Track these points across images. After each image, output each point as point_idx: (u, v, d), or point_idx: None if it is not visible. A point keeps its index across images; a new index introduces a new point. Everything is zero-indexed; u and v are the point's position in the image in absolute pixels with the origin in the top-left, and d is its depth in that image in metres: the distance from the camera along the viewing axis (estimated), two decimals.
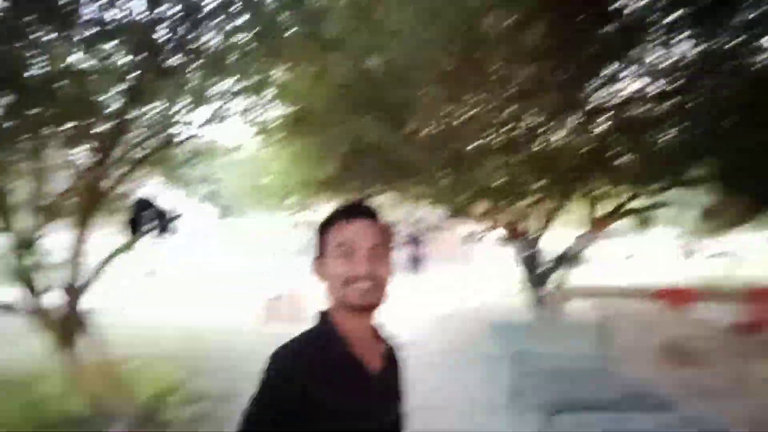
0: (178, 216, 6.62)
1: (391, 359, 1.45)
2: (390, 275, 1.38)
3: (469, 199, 9.15)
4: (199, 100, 4.90)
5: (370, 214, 1.41)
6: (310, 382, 1.24)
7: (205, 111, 5.15)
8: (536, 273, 9.14)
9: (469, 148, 8.09)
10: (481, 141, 8.75)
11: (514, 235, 9.37)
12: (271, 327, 9.33)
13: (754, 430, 4.39)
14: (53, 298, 4.56)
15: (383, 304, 1.36)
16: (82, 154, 4.83)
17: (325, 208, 10.85)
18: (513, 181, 8.84)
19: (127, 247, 5.37)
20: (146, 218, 5.70)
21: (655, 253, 22.12)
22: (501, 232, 9.76)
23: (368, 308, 1.35)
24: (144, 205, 5.84)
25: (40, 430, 4.53)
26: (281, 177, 8.51)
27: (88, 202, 4.71)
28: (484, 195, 9.16)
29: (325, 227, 1.42)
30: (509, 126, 8.46)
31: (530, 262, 9.23)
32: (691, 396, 5.20)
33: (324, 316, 1.41)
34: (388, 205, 14.55)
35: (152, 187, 6.63)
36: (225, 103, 5.27)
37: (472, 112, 7.62)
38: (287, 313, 9.83)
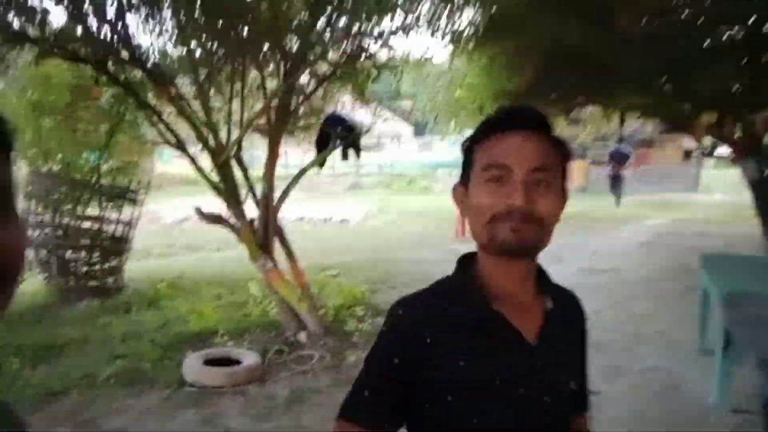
0: (368, 130, 6.68)
1: (561, 320, 1.04)
2: (558, 210, 0.98)
3: (693, 109, 7.87)
4: (385, 8, 4.68)
5: (535, 123, 0.97)
6: (430, 354, 0.94)
7: (392, 21, 4.93)
8: None
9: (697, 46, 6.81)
10: (710, 39, 7.36)
11: (745, 153, 7.88)
12: (462, 243, 9.32)
13: None
14: (253, 210, 4.93)
15: (544, 247, 0.97)
16: (272, 72, 4.96)
17: None
18: (751, 88, 7.35)
19: (319, 162, 5.57)
20: (337, 134, 5.80)
21: None
22: (729, 149, 8.31)
23: (522, 252, 0.95)
24: (335, 121, 5.95)
25: (242, 327, 5.08)
26: (474, 89, 8.02)
27: (280, 118, 4.88)
28: (712, 104, 7.80)
29: (474, 143, 1.01)
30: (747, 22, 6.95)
31: (763, 185, 7.73)
32: None
33: (464, 261, 1.05)
34: (592, 119, 13.38)
35: (344, 105, 6.72)
36: (413, 11, 4.98)
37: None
38: None
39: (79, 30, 4.12)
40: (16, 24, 4.04)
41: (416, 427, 0.98)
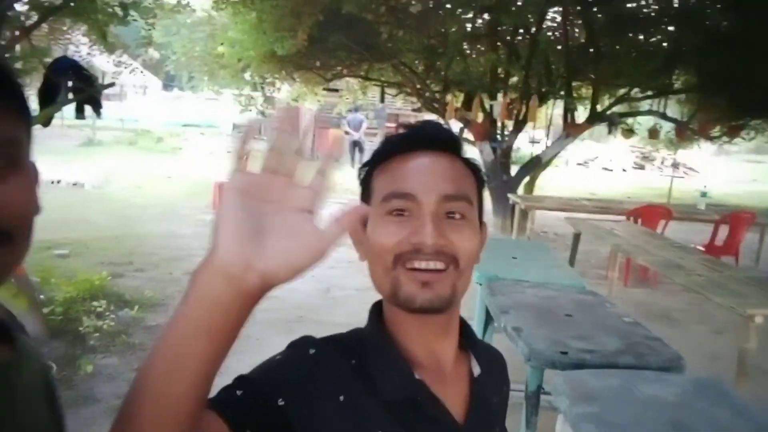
0: (111, 85, 5.66)
1: (490, 389, 0.85)
2: (478, 248, 0.79)
3: (442, 89, 8.43)
4: None
5: (445, 143, 0.79)
6: (334, 417, 0.70)
7: None
8: (503, 179, 8.67)
9: (452, 30, 7.22)
10: (465, 24, 7.90)
11: (482, 135, 8.75)
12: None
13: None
14: None
15: (462, 295, 0.77)
16: None
17: (286, 86, 9.89)
18: (492, 74, 8.12)
19: (42, 120, 4.43)
20: (68, 85, 4.72)
21: (611, 162, 22.14)
22: (468, 131, 9.14)
23: (435, 310, 0.75)
24: (65, 67, 4.83)
25: None
26: (239, 47, 7.31)
27: None
28: (458, 86, 8.45)
29: (372, 167, 0.82)
30: (495, 10, 7.60)
31: (497, 166, 8.71)
32: (651, 318, 5.08)
33: (378, 309, 0.85)
34: (348, 91, 13.65)
35: (79, 49, 5.55)
36: None
37: None
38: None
39: None
40: None
41: None
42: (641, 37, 8.64)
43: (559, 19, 8.23)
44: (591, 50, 7.85)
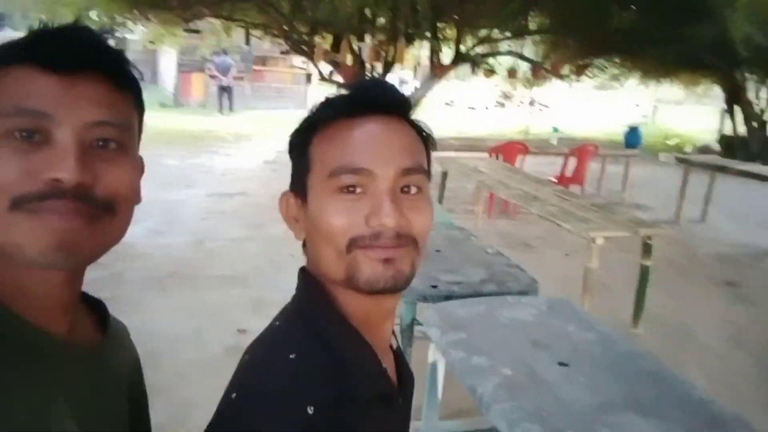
0: None
1: (404, 359, 0.83)
2: (429, 225, 0.72)
3: (310, 31, 8.22)
4: None
5: (398, 106, 0.71)
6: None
7: None
8: None
9: None
10: None
11: (351, 78, 8.73)
12: None
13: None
14: None
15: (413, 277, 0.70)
16: None
17: (140, 27, 9.10)
18: (360, 15, 8.05)
19: None
20: None
21: (475, 101, 23.10)
22: (337, 74, 9.06)
23: (398, 289, 0.68)
24: None
25: None
26: None
27: None
28: (326, 28, 8.29)
29: (310, 131, 0.72)
30: None
31: None
32: (512, 247, 5.53)
33: (313, 286, 0.73)
34: (211, 33, 12.88)
35: None
36: None
37: None
38: None
39: None
40: None
41: None
42: None
43: None
44: None
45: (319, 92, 20.37)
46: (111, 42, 0.61)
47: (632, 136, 9.44)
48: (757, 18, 8.58)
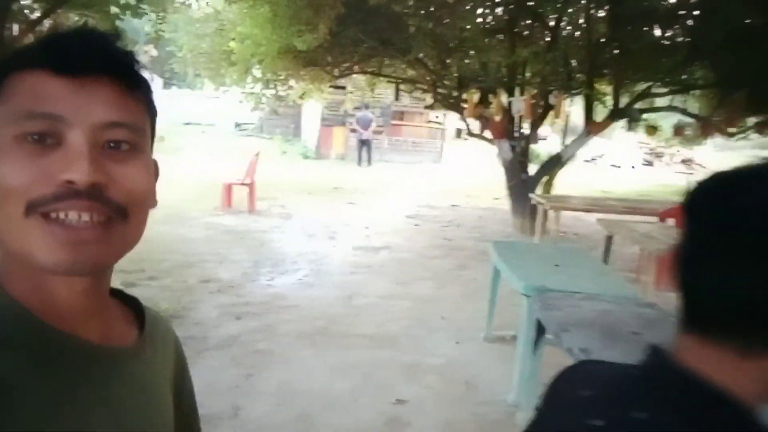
0: None
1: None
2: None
3: (458, 86, 8.14)
4: None
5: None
6: None
7: None
8: (521, 178, 8.39)
9: (468, 26, 6.95)
10: (479, 20, 7.62)
11: (501, 133, 8.46)
12: (234, 214, 8.38)
13: None
14: None
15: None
16: None
17: (292, 82, 9.60)
18: (510, 70, 7.84)
19: None
20: None
21: (619, 159, 21.88)
22: (486, 129, 8.84)
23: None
24: None
25: None
26: (250, 42, 6.94)
27: None
28: (474, 82, 8.16)
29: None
30: (510, 5, 7.33)
31: (515, 164, 8.43)
32: None
33: None
34: (356, 88, 13.35)
35: None
36: None
37: None
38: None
39: None
40: None
41: None
42: (660, 32, 8.36)
43: (576, 12, 7.96)
44: (611, 45, 7.58)
45: (456, 147, 20.46)
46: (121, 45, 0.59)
47: None
48: None
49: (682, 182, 15.48)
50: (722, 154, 23.55)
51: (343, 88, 13.69)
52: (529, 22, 7.86)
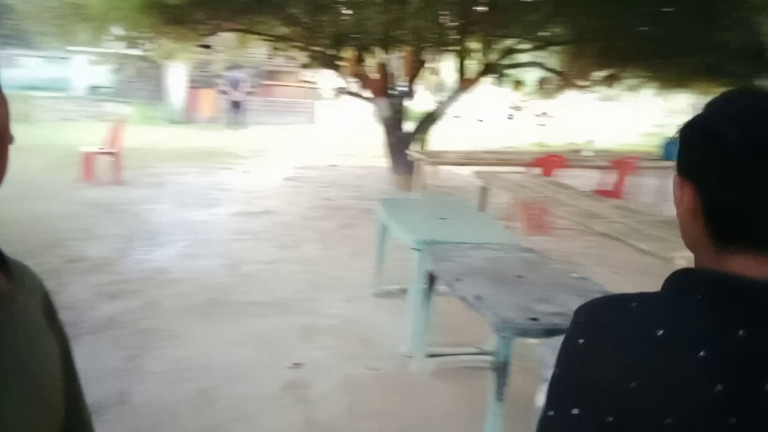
0: None
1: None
2: None
3: (335, 43, 7.99)
4: None
5: None
6: None
7: None
8: (399, 135, 8.50)
9: None
10: None
11: (379, 91, 8.48)
12: (96, 186, 7.70)
13: None
14: None
15: None
16: None
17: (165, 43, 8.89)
18: (385, 27, 7.80)
19: None
20: None
21: (482, 114, 22.85)
22: (361, 87, 8.80)
23: None
24: None
25: None
26: None
27: None
28: (349, 40, 8.05)
29: None
30: None
31: (394, 122, 8.52)
32: None
33: None
34: (226, 47, 12.65)
35: None
36: None
37: None
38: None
39: None
40: None
41: None
42: None
43: None
44: (481, 2, 7.80)
45: (330, 107, 20.26)
46: None
47: (671, 148, 9.15)
48: None
49: (540, 134, 16.58)
50: (572, 107, 25.41)
51: (210, 47, 12.92)
52: None
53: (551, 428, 0.74)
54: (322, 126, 18.22)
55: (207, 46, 13.39)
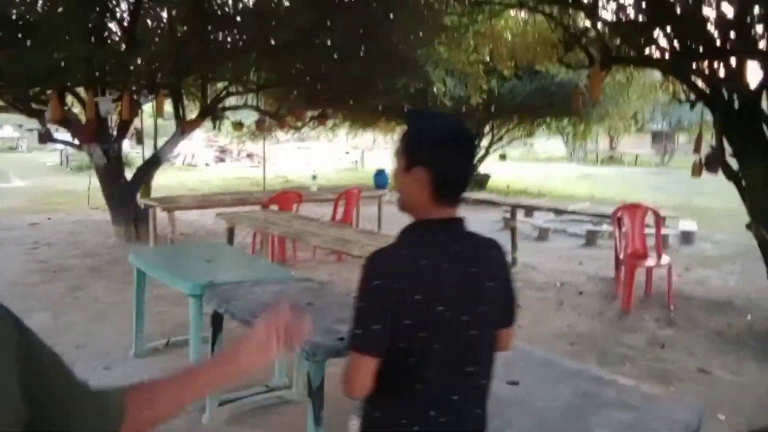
0: None
1: None
2: None
3: (28, 83, 6.99)
4: None
5: None
6: None
7: None
8: (119, 182, 7.83)
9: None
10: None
11: (90, 137, 7.65)
12: None
13: None
14: None
15: None
16: None
17: None
18: (90, 67, 7.15)
19: None
20: None
21: (193, 157, 22.42)
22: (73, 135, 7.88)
23: None
24: None
25: None
26: None
27: None
28: (51, 80, 7.15)
29: None
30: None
31: (112, 169, 7.79)
32: None
33: None
34: None
35: None
36: None
37: None
38: None
39: None
40: None
41: None
42: (229, 36, 8.83)
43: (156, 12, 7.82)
44: (194, 45, 7.75)
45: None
46: None
47: (381, 178, 10.27)
48: (454, 71, 10.30)
49: (254, 174, 16.92)
50: (275, 147, 26.52)
51: None
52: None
53: (361, 341, 1.26)
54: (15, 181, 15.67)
55: None
